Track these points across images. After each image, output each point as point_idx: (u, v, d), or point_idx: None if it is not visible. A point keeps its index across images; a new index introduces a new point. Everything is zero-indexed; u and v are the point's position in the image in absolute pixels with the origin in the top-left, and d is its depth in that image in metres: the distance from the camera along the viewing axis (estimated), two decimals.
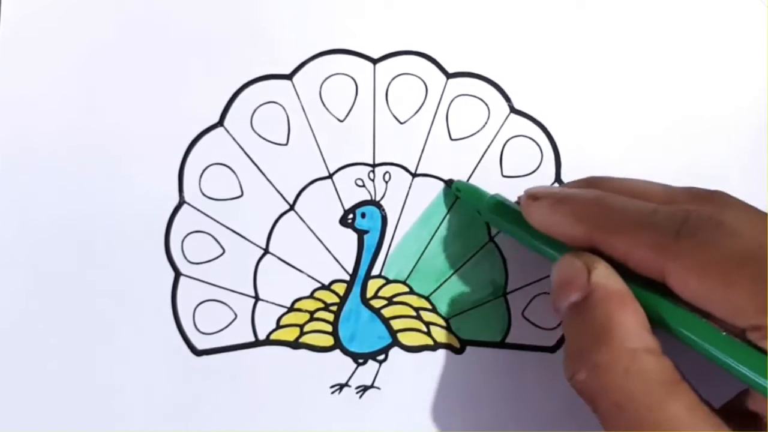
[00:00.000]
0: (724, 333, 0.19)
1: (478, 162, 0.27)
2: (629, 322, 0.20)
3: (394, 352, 0.27)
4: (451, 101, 0.28)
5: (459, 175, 0.27)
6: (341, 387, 0.27)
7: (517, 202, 0.24)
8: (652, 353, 0.19)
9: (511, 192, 0.27)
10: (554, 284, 0.22)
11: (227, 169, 0.28)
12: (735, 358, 0.19)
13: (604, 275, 0.20)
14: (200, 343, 0.27)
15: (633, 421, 0.19)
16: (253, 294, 0.27)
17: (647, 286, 0.20)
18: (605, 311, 0.20)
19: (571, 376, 0.20)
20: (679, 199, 0.22)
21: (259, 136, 0.28)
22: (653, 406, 0.19)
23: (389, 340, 0.27)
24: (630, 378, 0.19)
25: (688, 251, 0.19)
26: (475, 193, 0.26)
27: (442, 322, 0.27)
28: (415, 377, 0.27)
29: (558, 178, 0.27)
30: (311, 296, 0.27)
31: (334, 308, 0.27)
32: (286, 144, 0.28)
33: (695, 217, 0.20)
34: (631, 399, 0.19)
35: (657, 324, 0.20)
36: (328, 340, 0.27)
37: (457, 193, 0.27)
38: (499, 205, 0.25)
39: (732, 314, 0.19)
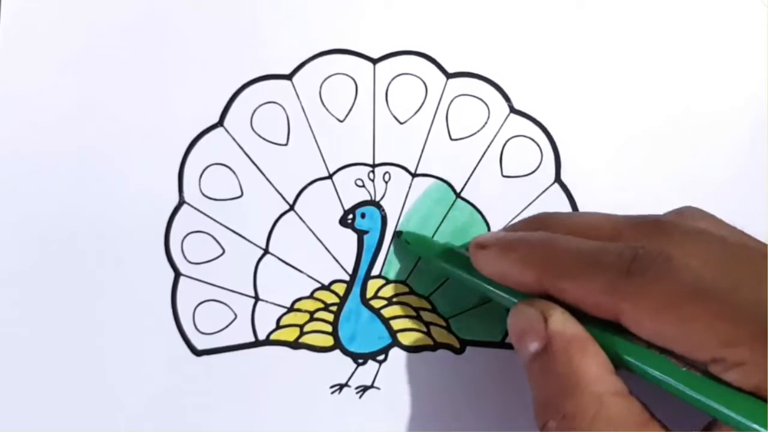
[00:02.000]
0: (684, 368, 0.19)
1: (478, 162, 0.27)
2: (592, 367, 0.19)
3: (394, 352, 0.27)
4: (451, 101, 0.28)
5: (459, 175, 0.27)
6: (341, 387, 0.27)
7: (467, 250, 0.24)
8: (618, 395, 0.19)
9: (511, 192, 0.27)
10: (511, 335, 0.21)
11: (227, 169, 0.28)
12: (699, 392, 0.18)
13: (561, 321, 0.20)
14: (200, 343, 0.27)
15: None
16: (253, 294, 0.27)
17: (604, 327, 0.20)
18: (566, 358, 0.20)
19: (542, 426, 0.20)
20: (626, 233, 0.21)
21: (259, 136, 0.28)
22: None
23: (389, 340, 0.27)
24: (599, 424, 0.19)
25: (640, 290, 0.19)
26: (425, 243, 0.26)
27: (442, 322, 0.27)
28: (415, 377, 0.27)
29: (558, 178, 0.27)
30: (311, 296, 0.27)
31: (334, 308, 0.27)
32: (286, 144, 0.28)
33: (643, 253, 0.19)
34: None
35: (618, 365, 0.20)
36: (328, 341, 0.27)
37: (406, 245, 0.27)
38: (449, 254, 0.25)
39: (691, 349, 0.18)
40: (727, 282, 0.18)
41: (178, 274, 0.27)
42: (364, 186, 0.27)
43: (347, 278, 0.27)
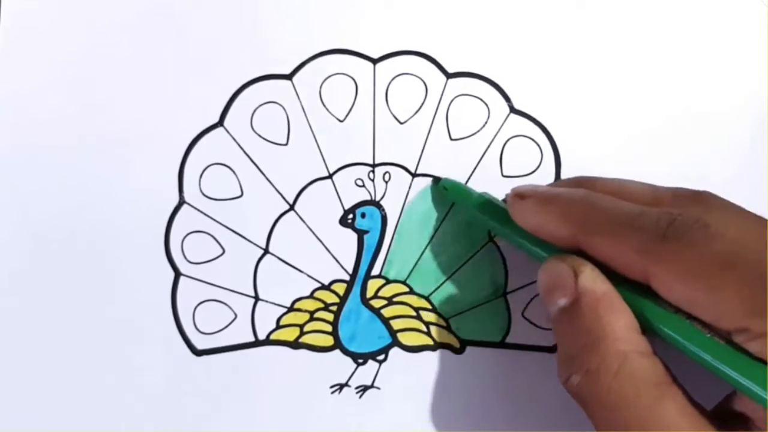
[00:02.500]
0: (709, 335, 0.19)
1: (478, 162, 0.27)
2: (618, 325, 0.20)
3: (394, 352, 0.27)
4: (451, 101, 0.28)
5: (459, 175, 0.27)
6: (341, 387, 0.27)
7: (505, 201, 0.24)
8: (642, 355, 0.19)
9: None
10: (541, 289, 0.22)
11: (227, 169, 0.28)
12: (721, 361, 0.19)
13: (591, 278, 0.20)
14: (200, 343, 0.27)
15: (625, 423, 0.19)
16: (253, 294, 0.27)
17: (633, 289, 0.20)
18: (594, 315, 0.20)
19: (564, 380, 0.20)
20: (665, 200, 0.22)
21: (259, 136, 0.28)
22: (645, 408, 0.19)
23: (389, 340, 0.27)
24: (621, 380, 0.19)
25: (673, 255, 0.19)
26: (463, 191, 0.26)
27: (442, 322, 0.27)
28: (415, 377, 0.27)
29: (558, 178, 0.27)
30: (311, 296, 0.27)
31: (334, 308, 0.27)
32: (286, 144, 0.28)
33: (681, 220, 0.20)
34: (623, 401, 0.19)
35: (644, 328, 0.20)
36: (328, 340, 0.27)
37: (444, 191, 0.26)
38: (486, 203, 0.25)
39: (718, 317, 0.19)
40: (759, 254, 0.19)
41: (178, 274, 0.27)
42: (364, 186, 0.27)
43: (347, 278, 0.27)
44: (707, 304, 0.19)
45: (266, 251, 0.27)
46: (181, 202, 0.27)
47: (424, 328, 0.27)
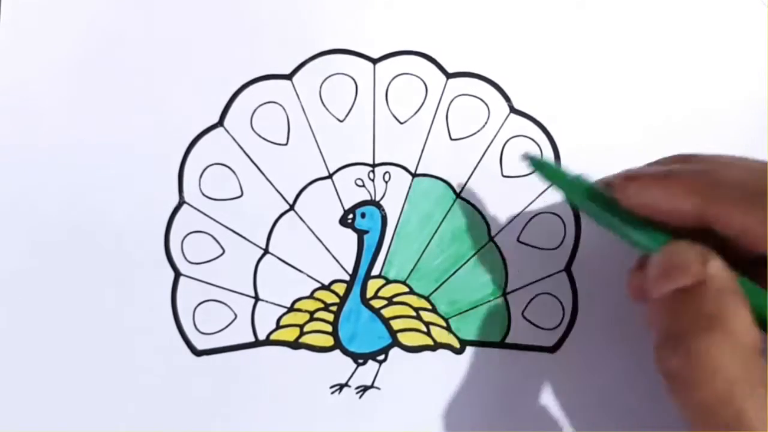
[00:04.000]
0: None
1: (478, 162, 0.27)
2: (743, 316, 0.19)
3: (394, 352, 0.27)
4: (451, 101, 0.28)
5: (459, 175, 0.27)
6: (341, 387, 0.27)
7: (601, 185, 0.23)
8: (760, 352, 0.18)
9: (511, 192, 0.27)
10: (659, 267, 0.20)
11: (227, 169, 0.28)
12: None
13: (719, 267, 0.19)
14: (200, 343, 0.27)
15: (729, 419, 0.18)
16: (253, 294, 0.27)
17: (754, 286, 0.19)
18: (718, 301, 0.19)
19: (665, 359, 0.19)
20: None
21: (259, 136, 0.28)
22: (753, 408, 0.17)
23: (389, 340, 0.27)
24: (737, 373, 0.18)
25: None
26: (558, 174, 0.23)
27: (442, 322, 0.27)
28: (415, 377, 0.27)
29: None
30: (311, 296, 0.27)
31: (334, 308, 0.27)
32: (286, 144, 0.28)
33: None
34: (735, 396, 0.18)
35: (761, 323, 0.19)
36: (328, 340, 0.27)
37: (535, 168, 0.23)
38: (588, 190, 0.23)
39: None
40: None
41: (178, 274, 0.27)
42: (364, 186, 0.27)
43: (347, 278, 0.27)
44: None
45: (266, 251, 0.27)
46: (181, 202, 0.27)
47: (424, 328, 0.27)
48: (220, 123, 0.28)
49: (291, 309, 0.27)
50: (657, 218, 0.21)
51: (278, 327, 0.27)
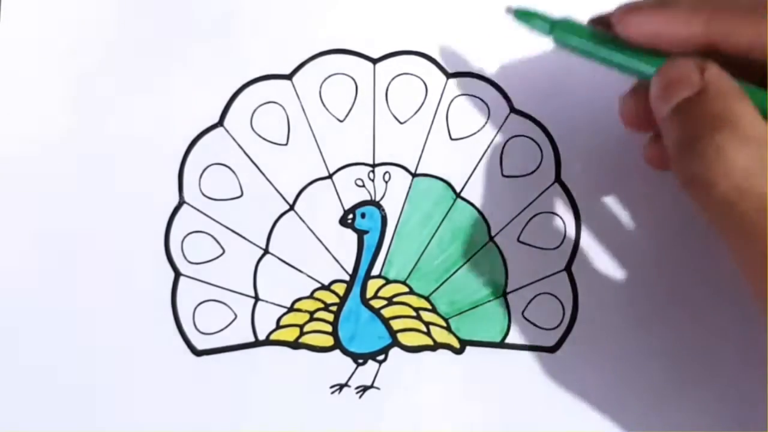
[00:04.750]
0: None
1: (478, 162, 0.27)
2: (748, 111, 0.19)
3: (394, 352, 0.27)
4: (451, 101, 0.28)
5: (459, 175, 0.27)
6: (341, 387, 0.27)
7: (593, 22, 0.23)
8: None
9: (511, 192, 0.27)
10: (659, 85, 0.21)
11: (227, 169, 0.28)
12: None
13: (718, 73, 0.20)
14: (200, 343, 0.27)
15: (754, 205, 0.18)
16: (253, 294, 0.27)
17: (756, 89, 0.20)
18: (723, 101, 0.19)
19: (684, 166, 0.19)
20: None
21: (259, 136, 0.28)
22: None
23: (389, 340, 0.27)
24: (754, 161, 0.18)
25: None
26: (540, 18, 0.23)
27: (442, 322, 0.27)
28: (415, 377, 0.27)
29: (558, 178, 0.27)
30: (311, 296, 0.27)
31: (334, 308, 0.27)
32: (286, 144, 0.28)
33: None
34: (755, 183, 0.18)
35: None
36: (328, 341, 0.27)
37: (516, 18, 0.24)
38: (567, 24, 0.23)
39: None
40: None
41: (178, 274, 0.27)
42: (364, 186, 0.27)
43: (347, 278, 0.27)
44: None
45: (266, 251, 0.27)
46: (181, 202, 0.27)
47: (424, 328, 0.27)
48: (220, 123, 0.28)
49: (291, 309, 0.27)
50: (660, 47, 0.21)
51: (278, 327, 0.27)
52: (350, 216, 0.27)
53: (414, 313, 0.27)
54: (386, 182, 0.27)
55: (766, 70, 0.20)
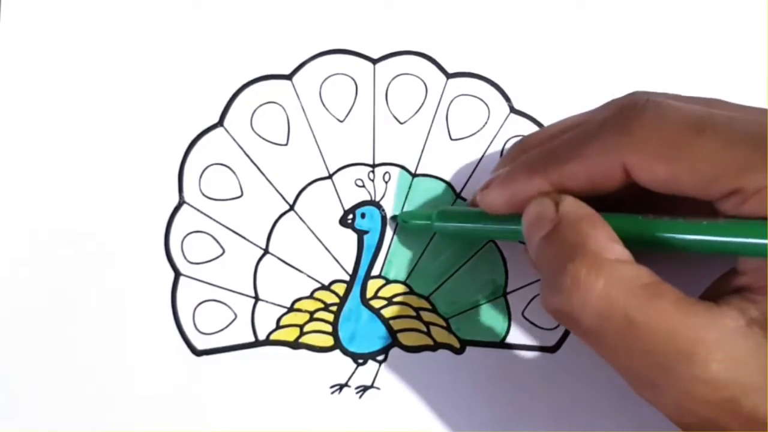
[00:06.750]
0: (705, 221, 0.19)
1: (478, 162, 0.27)
2: (601, 236, 0.19)
3: (394, 352, 0.27)
4: (451, 101, 0.28)
5: (459, 175, 0.27)
6: (341, 387, 0.27)
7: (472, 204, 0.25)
8: (627, 262, 0.19)
9: None
10: (525, 228, 0.21)
11: (227, 169, 0.28)
12: (723, 234, 0.18)
13: (571, 203, 0.20)
14: (200, 343, 0.27)
15: (620, 326, 0.18)
16: (253, 294, 0.27)
17: (617, 213, 0.20)
18: (575, 230, 0.20)
19: (549, 302, 0.20)
20: (599, 111, 0.22)
21: (259, 136, 0.28)
22: (638, 309, 0.18)
23: (389, 341, 0.27)
24: (610, 285, 0.18)
25: (643, 135, 0.19)
26: (419, 215, 0.26)
27: (442, 322, 0.27)
28: (415, 377, 0.27)
29: None
30: (311, 296, 0.27)
31: (334, 308, 0.27)
32: (286, 144, 0.28)
33: (629, 102, 0.20)
34: (615, 306, 0.18)
35: (633, 245, 0.20)
36: (328, 341, 0.27)
37: (404, 225, 0.27)
38: (445, 213, 0.25)
39: (707, 184, 0.18)
40: (721, 117, 0.18)
41: (178, 274, 0.27)
42: (364, 186, 0.27)
43: (347, 278, 0.27)
44: (693, 174, 0.18)
45: (266, 251, 0.27)
46: (181, 202, 0.27)
47: (424, 328, 0.27)
48: (220, 123, 0.28)
49: (291, 309, 0.27)
50: (518, 210, 0.22)
51: (278, 327, 0.27)
52: (350, 216, 0.27)
53: (414, 313, 0.27)
54: (386, 182, 0.27)
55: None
